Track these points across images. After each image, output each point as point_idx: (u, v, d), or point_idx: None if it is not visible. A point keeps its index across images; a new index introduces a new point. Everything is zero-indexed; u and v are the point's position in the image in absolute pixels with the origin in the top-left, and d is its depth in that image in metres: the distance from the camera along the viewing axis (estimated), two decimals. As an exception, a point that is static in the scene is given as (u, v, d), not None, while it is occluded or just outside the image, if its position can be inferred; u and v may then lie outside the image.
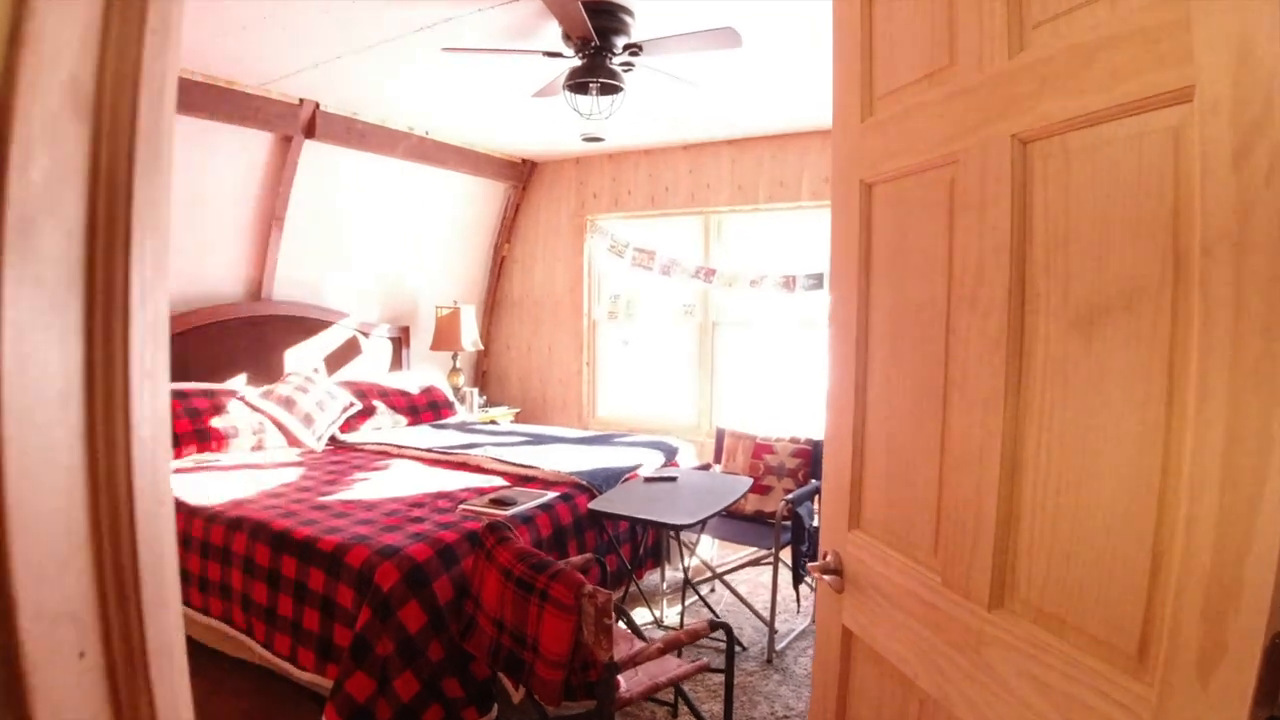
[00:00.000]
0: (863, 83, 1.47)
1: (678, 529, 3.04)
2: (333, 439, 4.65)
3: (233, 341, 4.70)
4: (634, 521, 3.08)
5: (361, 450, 4.50)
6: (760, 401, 5.85)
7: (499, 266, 6.77)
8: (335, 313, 5.38)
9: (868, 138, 1.46)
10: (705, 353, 5.89)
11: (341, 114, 4.78)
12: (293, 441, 4.40)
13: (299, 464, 4.11)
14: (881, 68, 1.43)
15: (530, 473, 3.81)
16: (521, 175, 6.43)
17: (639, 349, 6.73)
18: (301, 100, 4.51)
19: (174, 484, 3.42)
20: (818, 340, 5.49)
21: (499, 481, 3.75)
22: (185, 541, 3.29)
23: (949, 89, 1.21)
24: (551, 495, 3.42)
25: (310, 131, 4.67)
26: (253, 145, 4.58)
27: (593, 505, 3.20)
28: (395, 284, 5.94)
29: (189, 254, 4.54)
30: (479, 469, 3.99)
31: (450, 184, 5.95)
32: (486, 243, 6.63)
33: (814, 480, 3.93)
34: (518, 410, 6.48)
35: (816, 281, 5.37)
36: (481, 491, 3.55)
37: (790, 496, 3.50)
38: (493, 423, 5.35)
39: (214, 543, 3.15)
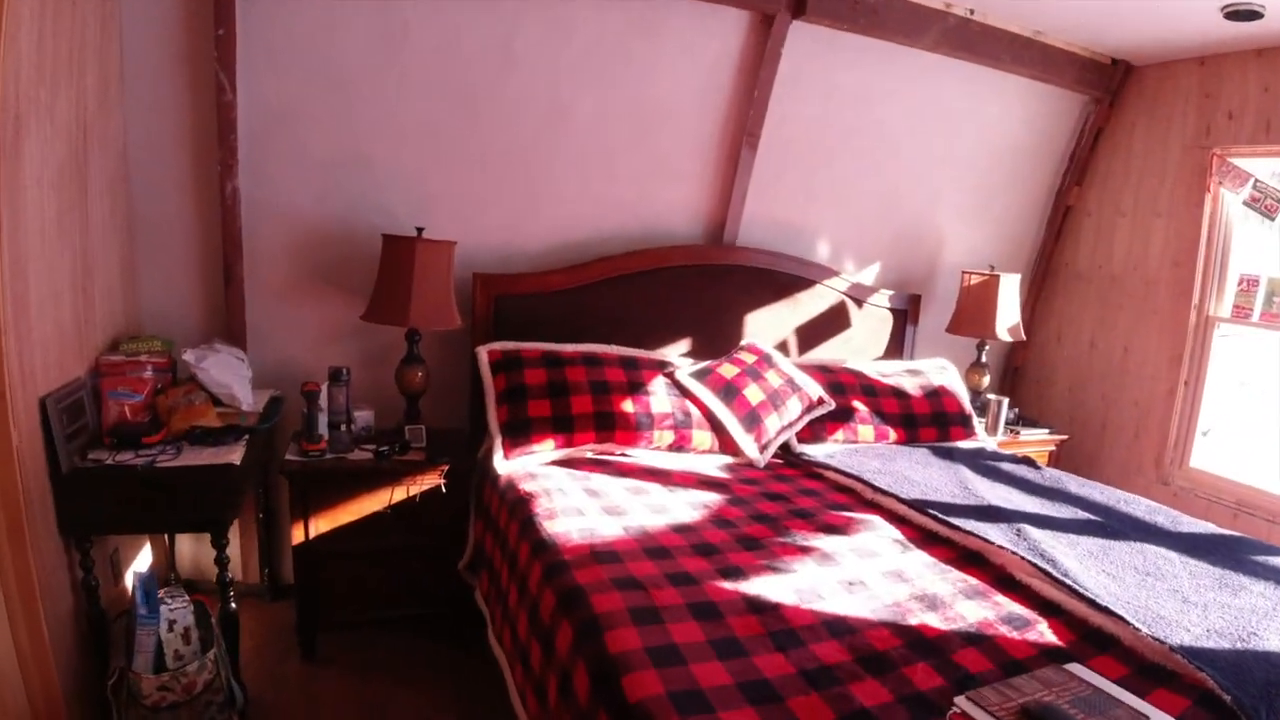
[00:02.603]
0: None
1: None
2: (784, 448, 3.25)
3: (680, 297, 3.54)
4: None
5: (820, 477, 3.01)
6: None
7: (1060, 220, 4.66)
8: (822, 268, 3.93)
9: None
10: None
11: (847, -21, 3.24)
12: (726, 446, 3.10)
13: (721, 485, 2.77)
14: None
15: (1106, 626, 1.94)
16: (1109, 83, 4.21)
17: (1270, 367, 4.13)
18: (785, -42, 3.08)
19: (545, 482, 2.34)
20: None
21: (1041, 630, 1.93)
22: (522, 588, 2.16)
23: None
24: (1163, 723, 1.53)
25: (799, 8, 3.22)
26: (719, 31, 3.30)
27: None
28: (905, 235, 4.27)
29: (634, 180, 3.46)
30: (1003, 578, 2.22)
31: (1001, 92, 4.04)
32: (1045, 184, 4.56)
33: None
34: (1062, 438, 4.40)
35: None
36: (1003, 648, 1.82)
37: None
38: (1027, 462, 3.44)
39: (541, 616, 1.95)
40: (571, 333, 3.26)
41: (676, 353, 3.53)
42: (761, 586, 1.97)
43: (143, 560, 2.90)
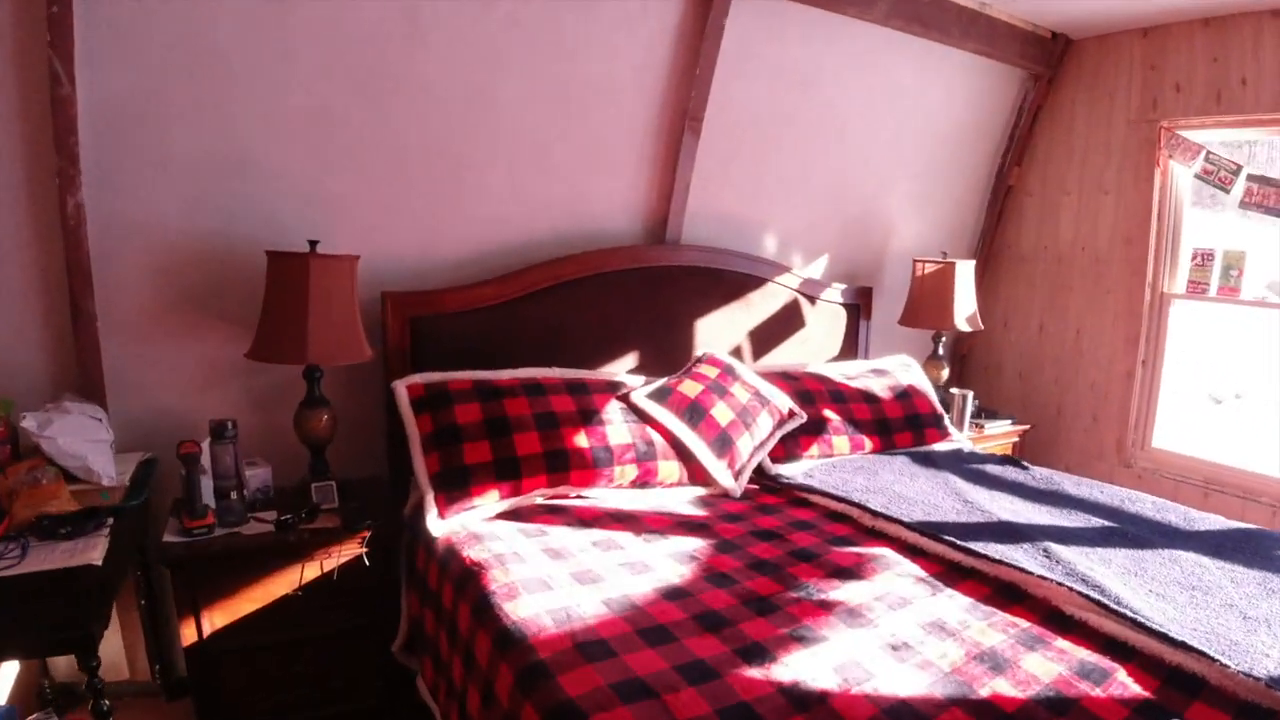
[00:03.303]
0: None
1: None
2: (758, 471, 2.88)
3: (622, 304, 3.12)
4: None
5: (807, 503, 2.64)
6: None
7: (1001, 202, 4.48)
8: (772, 264, 3.57)
9: None
10: None
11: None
12: (696, 475, 2.70)
13: (702, 526, 2.37)
14: None
15: (1186, 664, 1.66)
16: (1048, 58, 4.04)
17: (1232, 344, 4.10)
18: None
19: (495, 544, 1.89)
20: None
21: (1123, 681, 1.60)
22: (486, 695, 1.70)
23: None
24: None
25: (753, -27, 2.88)
26: (656, 1, 2.90)
27: None
28: (853, 224, 3.98)
29: (568, 173, 3.02)
30: (1053, 615, 1.90)
31: (946, 70, 3.80)
32: (985, 165, 4.37)
33: None
34: (1026, 428, 4.20)
35: None
36: (1094, 714, 1.48)
37: None
38: (1012, 462, 3.17)
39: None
40: (505, 355, 2.80)
41: (623, 369, 3.12)
42: (796, 668, 1.58)
43: (7, 674, 2.29)
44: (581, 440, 2.50)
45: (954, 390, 3.84)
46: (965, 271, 3.80)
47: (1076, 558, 2.15)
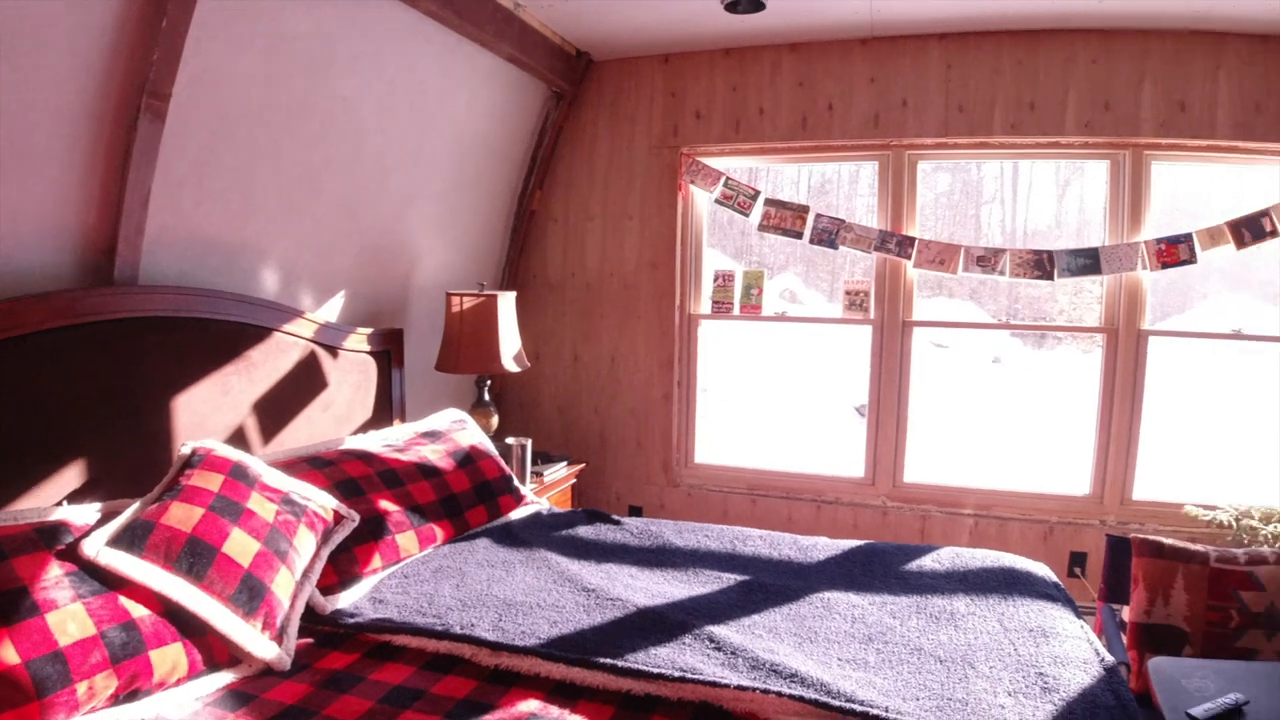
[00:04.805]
0: None
1: None
2: (309, 615, 1.97)
3: (46, 387, 1.92)
4: None
5: (390, 650, 1.83)
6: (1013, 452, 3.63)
7: (524, 226, 4.14)
8: (278, 308, 2.63)
9: None
10: (890, 368, 3.67)
11: None
12: (216, 652, 1.71)
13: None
14: None
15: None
16: (571, 75, 3.83)
17: (764, 357, 4.36)
18: None
19: None
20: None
21: None
22: None
23: None
24: None
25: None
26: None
27: None
28: (371, 250, 3.20)
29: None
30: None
31: (473, 73, 3.28)
32: (508, 187, 3.99)
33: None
34: (582, 466, 3.90)
35: (1090, 262, 3.28)
36: None
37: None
38: (600, 518, 2.74)
39: None
40: None
41: (57, 496, 1.95)
42: None
43: None
44: (6, 653, 1.37)
45: (510, 440, 3.34)
46: (507, 305, 3.33)
47: (746, 640, 1.83)
